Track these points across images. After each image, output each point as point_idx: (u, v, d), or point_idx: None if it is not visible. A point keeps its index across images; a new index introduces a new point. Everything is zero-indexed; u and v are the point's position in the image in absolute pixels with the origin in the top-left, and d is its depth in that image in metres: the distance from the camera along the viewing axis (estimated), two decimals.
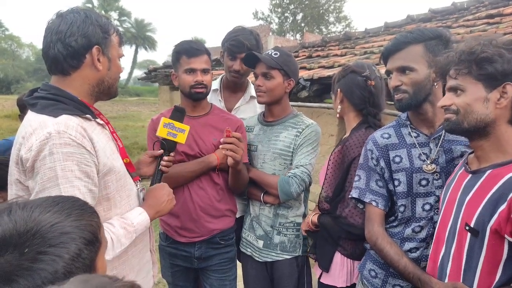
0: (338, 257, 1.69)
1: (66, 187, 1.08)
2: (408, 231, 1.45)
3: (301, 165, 1.81)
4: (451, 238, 1.23)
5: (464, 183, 1.22)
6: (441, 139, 1.42)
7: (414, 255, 1.43)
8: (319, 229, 1.76)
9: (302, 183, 1.79)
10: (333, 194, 1.70)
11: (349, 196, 1.58)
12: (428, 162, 1.42)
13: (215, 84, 2.24)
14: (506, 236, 1.07)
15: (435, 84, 1.39)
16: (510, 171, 1.09)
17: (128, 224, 1.24)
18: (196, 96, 1.84)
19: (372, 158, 1.51)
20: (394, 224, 1.50)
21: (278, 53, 1.86)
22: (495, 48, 1.10)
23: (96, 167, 1.16)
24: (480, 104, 1.13)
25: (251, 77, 2.48)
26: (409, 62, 1.40)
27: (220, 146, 1.73)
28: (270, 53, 1.87)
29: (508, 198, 1.05)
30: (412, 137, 1.47)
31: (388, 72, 1.47)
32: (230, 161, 1.74)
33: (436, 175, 1.42)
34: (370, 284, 1.55)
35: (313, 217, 1.79)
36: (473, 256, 1.15)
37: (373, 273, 1.55)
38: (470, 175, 1.21)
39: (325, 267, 1.71)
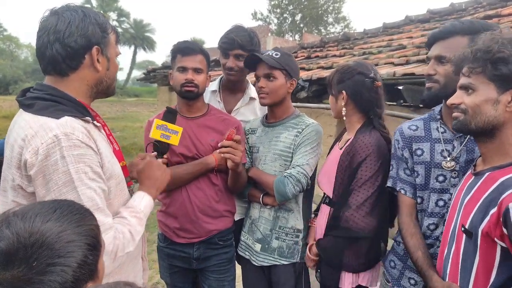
0: (344, 277, 1.67)
1: (83, 189, 1.06)
2: (424, 228, 1.47)
3: (298, 165, 1.77)
4: (452, 239, 1.24)
5: (467, 184, 1.22)
6: (467, 138, 1.40)
7: (429, 252, 1.45)
8: (320, 256, 1.73)
9: (297, 183, 1.75)
10: (339, 197, 1.67)
11: (386, 186, 1.57)
12: (449, 159, 1.42)
13: (214, 85, 2.22)
14: (496, 239, 1.06)
15: None
16: (505, 174, 1.08)
17: (137, 212, 1.24)
18: (186, 95, 1.83)
19: (398, 148, 1.53)
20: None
21: (279, 53, 1.83)
22: None
23: (102, 168, 1.15)
24: (490, 106, 1.10)
25: (250, 77, 2.47)
26: (448, 53, 1.36)
27: (218, 151, 1.72)
28: (270, 53, 1.84)
29: (498, 202, 1.04)
30: (439, 132, 1.46)
31: (429, 59, 1.47)
32: (230, 164, 1.74)
33: (454, 173, 1.41)
34: (389, 274, 1.60)
35: (312, 249, 1.76)
36: (468, 257, 1.15)
37: (392, 264, 1.60)
38: (473, 176, 1.21)
39: (333, 287, 1.69)
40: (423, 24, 5.52)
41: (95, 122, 1.22)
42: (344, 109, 1.71)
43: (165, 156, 1.59)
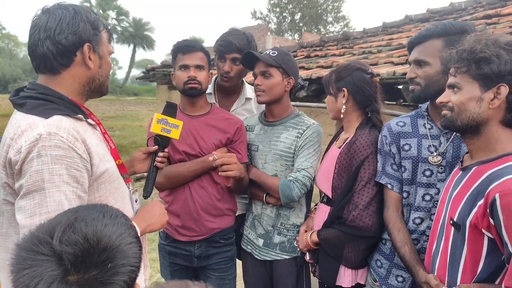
0: (342, 270, 1.68)
1: (52, 191, 1.02)
2: (409, 222, 1.50)
3: (303, 169, 1.79)
4: (441, 232, 1.28)
5: (455, 179, 1.27)
6: (453, 134, 1.45)
7: (416, 247, 1.48)
8: (320, 246, 1.72)
9: (303, 187, 1.78)
10: (340, 196, 1.67)
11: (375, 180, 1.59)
12: (435, 154, 1.46)
13: (209, 87, 2.17)
14: (483, 230, 1.10)
15: None
16: (492, 167, 1.12)
17: None
18: (189, 92, 1.83)
19: (386, 144, 1.57)
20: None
21: (276, 52, 1.84)
22: (495, 49, 1.11)
23: (88, 172, 1.11)
24: (474, 103, 1.15)
25: (249, 77, 2.46)
26: (425, 56, 1.45)
27: (220, 172, 1.73)
28: (268, 52, 1.86)
29: (485, 193, 1.08)
30: (426, 128, 1.51)
31: (410, 64, 1.54)
32: (233, 175, 1.75)
33: (441, 168, 1.45)
34: (376, 273, 1.62)
35: (312, 236, 1.74)
36: (456, 250, 1.19)
37: (378, 263, 1.61)
38: (460, 172, 1.26)
39: (331, 282, 1.69)
40: (422, 24, 5.52)
41: (89, 120, 1.21)
42: (344, 107, 1.71)
43: (166, 150, 1.59)
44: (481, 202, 1.09)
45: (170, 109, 1.61)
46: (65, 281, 0.65)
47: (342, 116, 1.74)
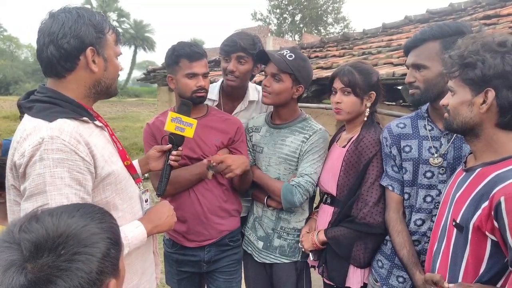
0: (351, 271, 1.69)
1: (54, 194, 1.03)
2: (411, 224, 1.51)
3: (306, 174, 1.77)
4: (443, 233, 1.28)
5: (458, 180, 1.26)
6: (454, 135, 1.44)
7: (416, 248, 1.49)
8: (327, 245, 1.72)
9: (305, 193, 1.76)
10: (348, 194, 1.68)
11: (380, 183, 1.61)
12: (436, 156, 1.46)
13: (213, 95, 2.14)
14: (486, 233, 1.09)
15: None
16: (496, 169, 1.11)
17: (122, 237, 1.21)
18: (197, 101, 1.81)
19: (386, 145, 1.58)
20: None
21: (293, 56, 1.78)
22: (483, 53, 1.10)
23: (92, 174, 1.12)
24: (465, 107, 1.16)
25: (258, 78, 2.44)
26: (422, 60, 1.44)
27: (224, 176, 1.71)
28: (284, 53, 1.79)
29: (490, 196, 1.07)
30: (426, 129, 1.51)
31: (408, 67, 1.53)
32: (235, 173, 1.73)
33: (442, 169, 1.46)
34: (377, 274, 1.62)
35: (319, 235, 1.73)
36: (458, 251, 1.18)
37: (380, 264, 1.62)
38: (464, 173, 1.25)
39: (340, 282, 1.70)
40: (422, 25, 5.52)
41: (96, 122, 1.23)
42: (368, 109, 1.72)
43: (180, 148, 1.58)
44: (485, 204, 1.08)
45: (184, 108, 1.60)
46: (23, 267, 0.66)
47: (365, 118, 1.72)
